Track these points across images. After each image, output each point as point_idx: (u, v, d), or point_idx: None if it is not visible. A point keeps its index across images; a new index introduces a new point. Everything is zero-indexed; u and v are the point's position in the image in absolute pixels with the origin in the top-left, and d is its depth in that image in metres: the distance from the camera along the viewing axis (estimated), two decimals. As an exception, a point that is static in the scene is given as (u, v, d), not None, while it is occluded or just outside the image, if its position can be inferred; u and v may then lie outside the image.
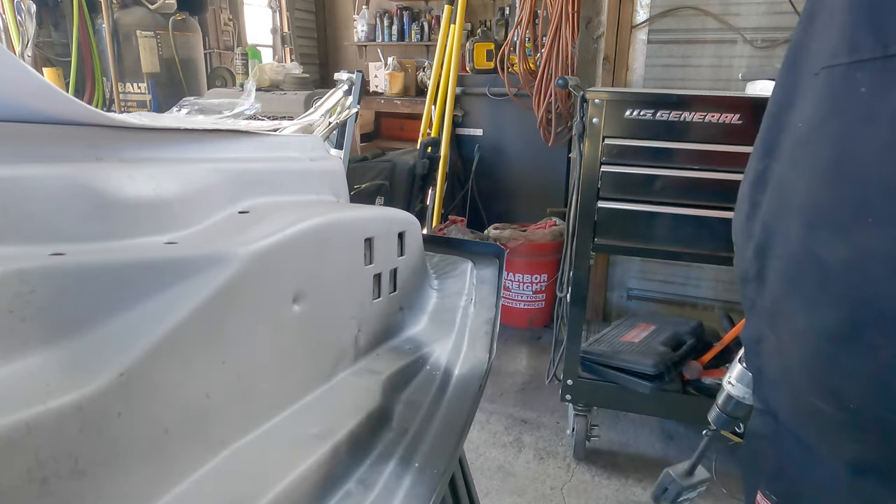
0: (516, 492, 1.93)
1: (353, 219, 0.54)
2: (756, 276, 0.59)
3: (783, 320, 0.55)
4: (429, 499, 0.43)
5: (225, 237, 0.43)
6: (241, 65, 5.17)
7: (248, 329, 0.41)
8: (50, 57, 4.23)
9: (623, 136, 1.80)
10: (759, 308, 0.60)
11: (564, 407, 2.27)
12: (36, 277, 0.32)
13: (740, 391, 0.85)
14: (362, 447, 0.46)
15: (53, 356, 0.32)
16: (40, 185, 0.37)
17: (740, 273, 0.63)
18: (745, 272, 0.61)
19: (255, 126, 0.58)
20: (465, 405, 0.55)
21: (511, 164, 3.42)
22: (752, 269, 0.59)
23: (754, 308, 0.61)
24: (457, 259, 0.72)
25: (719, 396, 0.92)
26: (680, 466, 0.98)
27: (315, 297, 0.47)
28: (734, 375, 0.87)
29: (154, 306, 0.35)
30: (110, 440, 0.31)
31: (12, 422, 0.27)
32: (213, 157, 0.51)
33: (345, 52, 6.31)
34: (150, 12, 4.16)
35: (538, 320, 3.07)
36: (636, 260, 2.75)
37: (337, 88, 0.74)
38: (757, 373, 0.66)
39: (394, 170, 2.88)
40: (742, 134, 1.70)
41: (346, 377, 0.53)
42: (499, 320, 0.67)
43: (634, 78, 2.46)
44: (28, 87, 0.38)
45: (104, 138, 0.43)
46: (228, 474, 0.37)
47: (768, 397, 0.63)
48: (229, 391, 0.39)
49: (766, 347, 0.61)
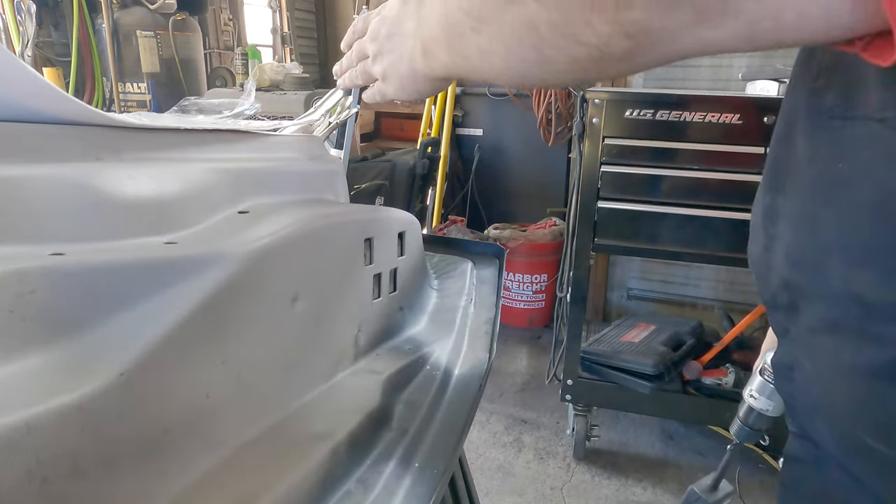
0: (516, 492, 1.93)
1: (353, 219, 0.54)
2: (788, 307, 0.57)
3: (823, 354, 0.53)
4: (429, 499, 0.43)
5: (225, 237, 0.43)
6: (241, 65, 5.17)
7: (247, 329, 0.41)
8: (50, 57, 4.23)
9: (623, 136, 1.80)
10: (792, 335, 0.58)
11: (564, 407, 2.27)
12: (36, 277, 0.32)
13: (762, 403, 0.85)
14: (362, 447, 0.46)
15: (53, 356, 0.32)
16: (40, 185, 0.37)
17: (766, 300, 0.61)
18: (772, 300, 0.59)
19: (255, 126, 0.58)
20: (465, 405, 0.55)
21: (511, 164, 3.42)
22: (781, 299, 0.57)
23: (787, 335, 0.59)
24: (457, 259, 0.72)
25: (740, 409, 0.91)
26: (703, 482, 0.97)
27: (315, 297, 0.47)
28: (755, 387, 0.86)
29: (154, 306, 0.35)
30: (110, 440, 0.31)
31: (12, 422, 0.27)
32: (213, 157, 0.51)
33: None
34: (150, 12, 4.16)
35: (538, 320, 3.07)
36: (636, 260, 2.76)
37: (337, 88, 0.74)
38: (789, 398, 0.64)
39: (394, 170, 2.88)
40: (742, 134, 1.70)
41: (346, 377, 0.53)
42: (499, 320, 0.67)
43: (634, 78, 2.46)
44: (28, 87, 0.38)
45: (104, 138, 0.43)
46: (228, 474, 0.37)
47: (804, 424, 0.61)
48: (229, 391, 0.39)
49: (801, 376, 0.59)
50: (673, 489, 1.94)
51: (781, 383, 0.66)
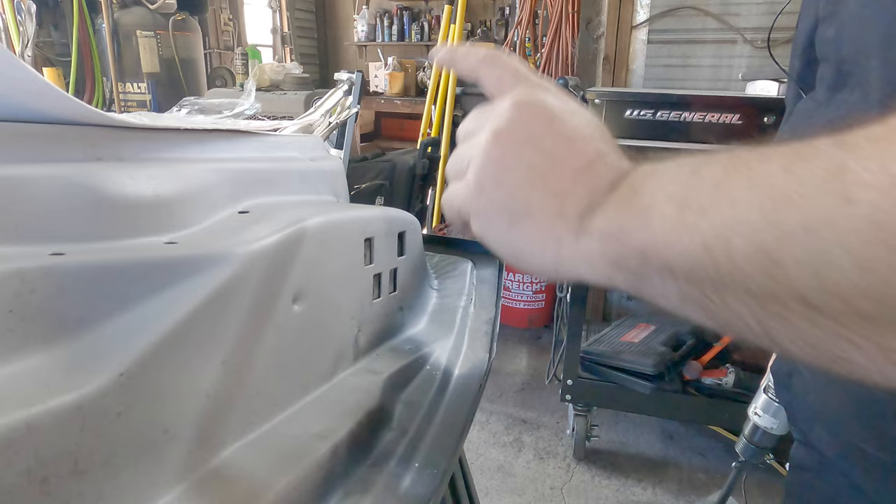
0: (516, 492, 1.93)
1: (353, 219, 0.54)
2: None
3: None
4: (429, 499, 0.43)
5: (225, 237, 0.43)
6: (241, 65, 5.17)
7: (248, 329, 0.41)
8: (50, 57, 4.23)
9: (623, 136, 1.80)
10: None
11: (564, 407, 2.27)
12: (36, 277, 0.32)
13: (767, 421, 0.84)
14: (362, 447, 0.46)
15: (53, 356, 0.32)
16: (40, 185, 0.37)
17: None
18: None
19: (255, 126, 0.58)
20: (465, 405, 0.55)
21: (511, 164, 3.41)
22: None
23: None
24: (457, 259, 0.72)
25: (745, 427, 0.91)
26: (710, 500, 0.97)
27: (315, 297, 0.47)
28: (759, 405, 0.85)
29: (154, 306, 0.35)
30: (110, 440, 0.31)
31: (12, 422, 0.27)
32: (213, 157, 0.51)
33: (345, 52, 6.31)
34: (150, 12, 4.16)
35: (538, 320, 3.07)
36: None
37: (337, 88, 0.74)
38: (789, 406, 0.64)
39: (394, 170, 2.87)
40: (742, 134, 1.70)
41: (346, 377, 0.53)
42: (499, 320, 0.67)
43: (634, 78, 2.46)
44: (28, 86, 0.38)
45: (104, 138, 0.43)
46: (228, 474, 0.38)
47: (806, 431, 0.61)
48: (229, 391, 0.39)
49: (799, 382, 0.59)
50: (673, 489, 1.94)
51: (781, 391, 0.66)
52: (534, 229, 0.32)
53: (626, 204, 0.29)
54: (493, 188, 0.34)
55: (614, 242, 0.29)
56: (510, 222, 0.33)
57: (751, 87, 1.96)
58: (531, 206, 0.32)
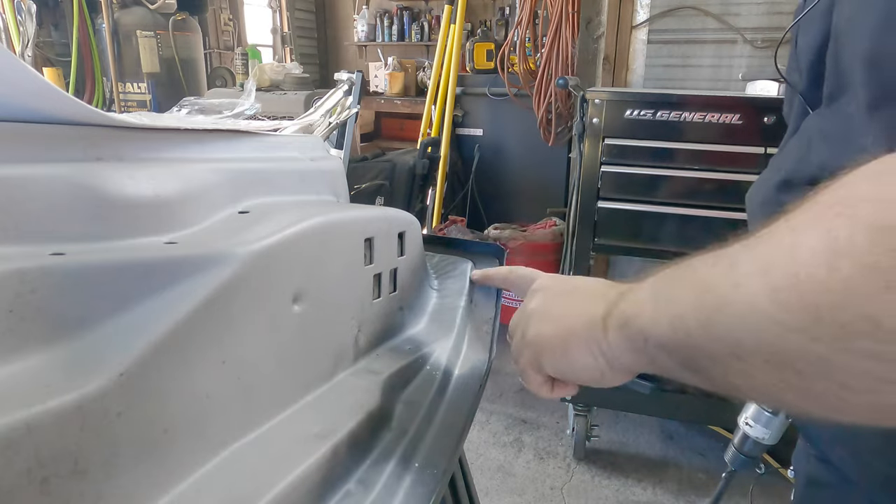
0: (516, 491, 1.93)
1: (353, 219, 0.54)
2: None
3: None
4: (429, 499, 0.43)
5: (225, 237, 0.43)
6: (241, 65, 5.17)
7: (248, 329, 0.41)
8: (50, 57, 4.23)
9: (623, 136, 1.80)
10: None
11: (564, 407, 2.27)
12: (36, 277, 0.32)
13: (758, 431, 0.83)
14: (362, 447, 0.46)
15: (53, 356, 0.32)
16: (40, 185, 0.37)
17: None
18: None
19: (255, 126, 0.58)
20: (465, 405, 0.55)
21: (511, 164, 3.42)
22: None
23: None
24: (457, 259, 0.72)
25: (735, 436, 0.90)
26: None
27: (315, 297, 0.47)
28: (750, 415, 0.85)
29: (154, 306, 0.35)
30: (110, 440, 0.31)
31: (12, 422, 0.27)
32: (213, 157, 0.51)
33: (345, 52, 6.31)
34: (150, 12, 4.16)
35: (538, 320, 3.06)
36: (636, 260, 2.75)
37: (337, 88, 0.74)
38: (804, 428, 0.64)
39: (394, 170, 2.88)
40: (742, 134, 1.70)
41: (346, 377, 0.53)
42: (499, 320, 0.67)
43: (634, 78, 2.46)
44: (28, 86, 0.38)
45: (104, 138, 0.43)
46: (228, 474, 0.37)
47: (826, 451, 0.61)
48: (229, 391, 0.39)
49: None
50: (673, 489, 1.94)
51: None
52: (580, 343, 0.44)
53: (628, 303, 0.41)
54: (543, 328, 0.49)
55: (626, 331, 0.40)
56: (563, 348, 0.46)
57: (751, 87, 1.95)
58: (572, 326, 0.45)
